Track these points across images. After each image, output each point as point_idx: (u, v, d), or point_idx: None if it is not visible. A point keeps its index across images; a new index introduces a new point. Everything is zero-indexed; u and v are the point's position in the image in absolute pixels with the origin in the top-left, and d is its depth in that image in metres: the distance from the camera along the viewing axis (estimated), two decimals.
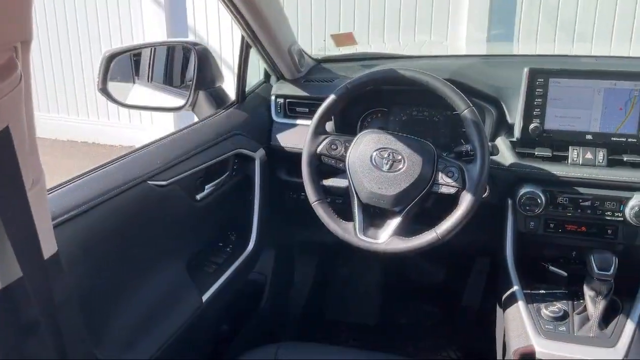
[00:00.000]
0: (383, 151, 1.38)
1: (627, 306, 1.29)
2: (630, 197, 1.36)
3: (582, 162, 1.42)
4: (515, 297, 1.37)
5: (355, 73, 1.59)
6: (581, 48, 3.84)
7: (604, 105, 1.41)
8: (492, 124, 1.54)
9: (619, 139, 1.40)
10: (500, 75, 1.63)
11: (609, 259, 1.28)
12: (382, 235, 1.37)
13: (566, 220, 1.45)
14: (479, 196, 1.31)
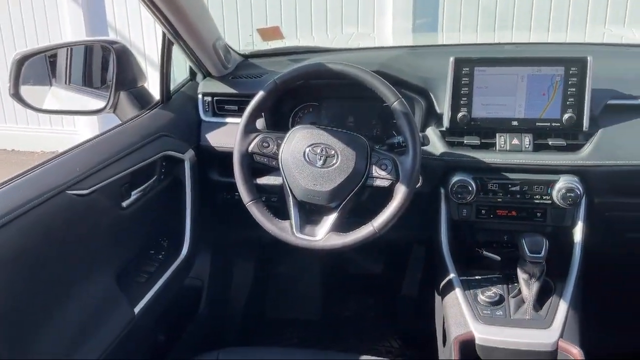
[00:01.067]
0: (316, 147, 1.36)
1: (559, 287, 1.34)
2: (557, 179, 1.40)
3: (510, 148, 1.45)
4: (452, 284, 1.39)
5: (284, 68, 1.55)
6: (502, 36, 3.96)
7: (527, 92, 1.44)
8: (421, 114, 1.55)
9: (544, 123, 1.44)
10: (427, 66, 1.64)
11: (540, 242, 1.31)
12: (319, 232, 1.35)
13: (497, 205, 1.47)
14: (413, 187, 1.32)
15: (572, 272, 1.36)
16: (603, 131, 1.42)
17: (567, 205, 1.40)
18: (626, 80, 1.49)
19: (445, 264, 1.44)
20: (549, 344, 1.22)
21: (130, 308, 1.30)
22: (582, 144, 1.42)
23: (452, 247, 1.47)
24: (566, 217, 1.44)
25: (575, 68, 1.40)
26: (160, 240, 1.56)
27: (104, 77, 1.68)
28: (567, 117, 1.41)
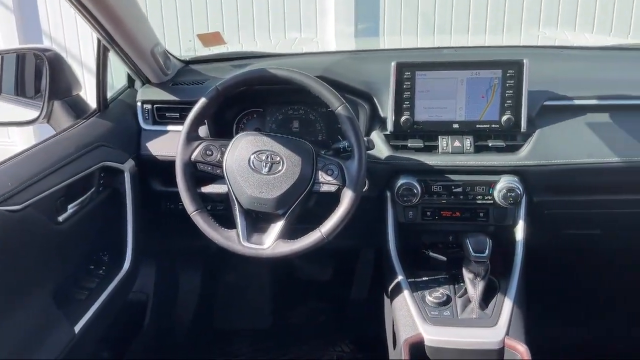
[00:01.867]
0: (261, 154, 1.34)
1: (503, 285, 1.36)
2: (498, 180, 1.44)
3: (452, 150, 1.47)
4: (400, 287, 1.40)
5: (226, 74, 1.53)
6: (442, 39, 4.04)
7: (467, 95, 1.47)
8: (366, 118, 1.55)
9: (483, 125, 1.47)
10: (370, 70, 1.65)
11: (483, 241, 1.34)
12: (266, 240, 1.33)
13: (442, 207, 1.50)
14: (360, 191, 1.32)
15: (515, 270, 1.39)
16: (540, 132, 1.46)
17: (508, 205, 1.43)
18: (561, 82, 1.55)
19: (393, 266, 1.45)
20: (495, 342, 1.24)
21: (70, 327, 1.24)
22: (521, 144, 1.46)
23: (399, 249, 1.48)
24: (508, 216, 1.47)
25: (512, 71, 1.43)
26: (100, 254, 1.50)
27: (37, 86, 1.60)
28: (505, 118, 1.45)
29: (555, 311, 2.02)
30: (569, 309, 2.06)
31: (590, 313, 2.06)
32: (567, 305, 2.07)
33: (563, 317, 2.04)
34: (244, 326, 2.19)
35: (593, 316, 2.05)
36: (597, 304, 2.06)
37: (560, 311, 2.04)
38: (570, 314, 2.06)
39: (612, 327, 2.02)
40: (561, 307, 2.05)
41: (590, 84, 1.54)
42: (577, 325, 2.04)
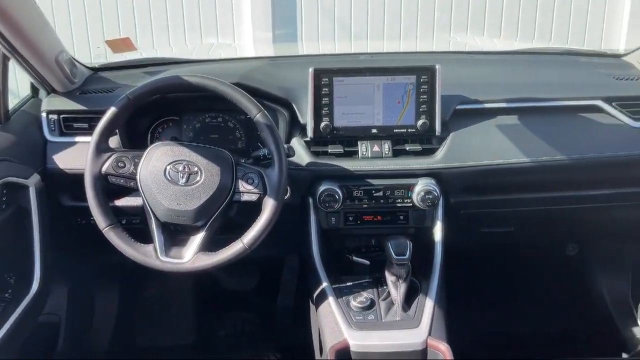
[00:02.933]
0: (178, 164, 1.30)
1: (425, 286, 1.39)
2: (416, 183, 1.47)
3: (371, 155, 1.49)
4: (325, 293, 1.39)
5: (138, 81, 1.47)
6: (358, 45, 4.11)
7: (384, 100, 1.49)
8: (285, 125, 1.54)
9: (400, 130, 1.50)
10: (289, 77, 1.65)
11: (404, 244, 1.36)
12: (186, 254, 1.29)
13: (363, 211, 1.51)
14: (281, 199, 1.30)
15: (435, 270, 1.42)
16: (454, 135, 1.51)
17: (426, 207, 1.46)
18: (472, 86, 1.60)
19: (318, 273, 1.44)
20: (418, 343, 1.26)
21: None
22: (436, 147, 1.50)
23: (323, 256, 1.48)
24: (426, 218, 1.50)
25: (425, 76, 1.47)
26: (5, 277, 1.39)
27: None
28: (421, 123, 1.48)
29: (476, 307, 2.09)
30: (489, 304, 2.14)
31: (508, 307, 2.15)
32: (486, 301, 2.15)
33: (483, 313, 2.11)
34: (168, 342, 2.12)
35: (511, 310, 2.14)
36: (514, 298, 2.16)
37: (481, 307, 2.12)
38: (489, 309, 2.14)
39: (530, 320, 2.12)
40: (481, 303, 2.13)
41: (499, 88, 1.61)
42: (497, 320, 2.12)
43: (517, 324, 2.11)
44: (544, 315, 2.11)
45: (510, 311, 2.14)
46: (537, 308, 2.12)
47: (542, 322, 2.10)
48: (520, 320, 2.12)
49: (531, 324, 2.10)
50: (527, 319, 2.12)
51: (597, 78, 1.68)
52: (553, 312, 2.11)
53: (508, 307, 2.15)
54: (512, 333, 2.07)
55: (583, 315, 2.08)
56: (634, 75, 1.67)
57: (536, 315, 2.11)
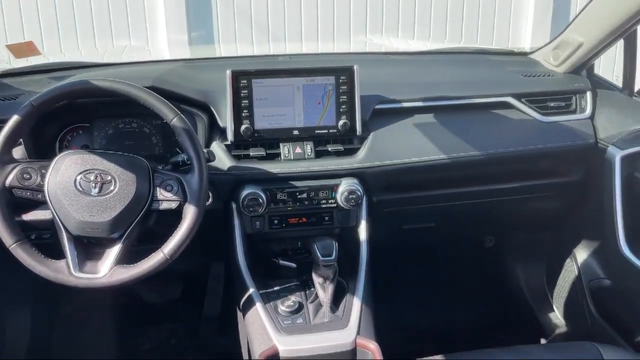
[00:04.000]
0: (89, 173, 1.23)
1: (352, 286, 1.39)
2: (339, 183, 1.47)
3: (294, 157, 1.48)
4: (252, 300, 1.36)
5: (44, 87, 1.37)
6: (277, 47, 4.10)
7: (304, 101, 1.48)
8: (204, 129, 1.50)
9: (322, 131, 1.50)
10: (206, 79, 1.60)
11: (330, 245, 1.36)
12: (102, 268, 1.22)
13: (288, 214, 1.49)
14: (203, 206, 1.26)
15: (361, 269, 1.43)
16: (374, 134, 1.53)
17: (350, 207, 1.47)
18: (389, 86, 1.63)
19: (243, 279, 1.41)
20: (347, 343, 1.26)
21: None
22: (358, 147, 1.51)
23: (248, 261, 1.45)
24: (351, 218, 1.51)
25: (344, 77, 1.47)
26: None
27: None
28: (341, 123, 1.49)
29: (403, 303, 2.13)
30: (414, 299, 2.19)
31: (433, 301, 2.20)
32: (412, 296, 2.19)
33: (410, 308, 2.16)
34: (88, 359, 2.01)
35: (436, 303, 2.20)
36: (438, 291, 2.22)
37: (407, 302, 2.16)
38: (415, 303, 2.19)
39: (454, 312, 2.18)
40: (407, 298, 2.17)
41: (415, 87, 1.64)
42: (423, 314, 2.17)
43: (442, 317, 2.17)
44: (466, 306, 2.18)
45: (435, 304, 2.20)
46: (460, 300, 2.19)
47: (465, 313, 2.17)
48: (444, 313, 2.18)
49: (455, 316, 2.16)
50: (451, 311, 2.18)
51: (507, 76, 1.75)
52: (475, 303, 2.19)
53: (433, 301, 2.20)
54: (438, 326, 2.13)
55: (503, 305, 2.17)
56: (540, 72, 1.76)
57: (459, 306, 2.18)
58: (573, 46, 1.66)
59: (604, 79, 1.78)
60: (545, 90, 1.67)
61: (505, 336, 1.93)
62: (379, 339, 1.30)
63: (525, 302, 2.07)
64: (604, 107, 1.67)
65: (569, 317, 1.93)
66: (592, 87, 1.70)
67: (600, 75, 1.79)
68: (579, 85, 1.69)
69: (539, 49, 1.87)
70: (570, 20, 1.69)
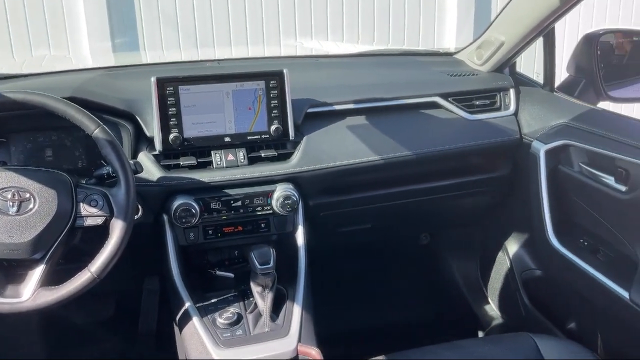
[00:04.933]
0: (5, 192, 1.15)
1: (291, 293, 1.38)
2: (274, 189, 1.45)
3: (226, 164, 1.44)
4: (188, 314, 1.32)
5: None
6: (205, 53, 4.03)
7: (234, 107, 1.45)
8: (130, 140, 1.44)
9: (254, 137, 1.47)
10: (131, 88, 1.54)
11: (267, 252, 1.33)
12: (25, 291, 1.14)
13: (223, 223, 1.46)
14: (131, 220, 1.21)
15: (300, 275, 1.42)
16: (307, 138, 1.51)
17: (286, 212, 1.45)
18: (321, 89, 1.62)
19: (179, 293, 1.37)
20: (288, 351, 1.24)
21: None
22: (291, 152, 1.50)
23: (183, 274, 1.40)
24: (287, 224, 1.49)
25: (274, 81, 1.46)
26: None
27: None
28: (274, 128, 1.47)
29: (343, 306, 2.13)
30: (355, 301, 2.20)
31: (373, 301, 2.22)
32: (352, 298, 2.20)
33: (350, 310, 2.16)
34: None
35: (376, 304, 2.22)
36: (378, 291, 2.23)
37: (348, 305, 2.16)
38: (356, 305, 2.19)
39: (394, 311, 2.20)
40: (348, 301, 2.17)
41: (346, 90, 1.64)
42: (364, 315, 2.18)
43: (383, 317, 2.18)
44: (406, 304, 2.21)
45: (376, 305, 2.21)
46: (399, 298, 2.22)
47: (405, 311, 2.20)
48: (385, 313, 2.20)
49: (395, 315, 2.19)
50: (390, 311, 2.20)
51: (434, 76, 1.78)
52: (414, 300, 2.22)
53: (373, 301, 2.22)
54: (379, 326, 2.14)
55: (441, 300, 2.21)
56: (465, 72, 1.80)
57: (399, 305, 2.21)
58: (495, 45, 1.71)
59: (525, 76, 1.85)
60: (470, 89, 1.71)
61: (444, 331, 1.97)
62: (321, 345, 1.29)
63: (462, 297, 2.12)
64: (527, 104, 1.73)
65: (504, 308, 1.99)
66: (515, 85, 1.76)
67: (522, 73, 1.85)
68: (503, 83, 1.75)
69: (463, 49, 1.92)
70: (491, 20, 1.74)
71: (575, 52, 1.73)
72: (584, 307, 1.57)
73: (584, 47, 1.70)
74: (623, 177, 1.38)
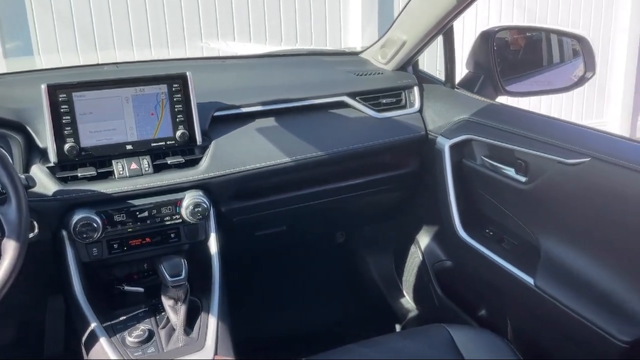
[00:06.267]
0: None
1: (206, 304, 1.33)
2: (183, 197, 1.39)
3: (130, 174, 1.37)
4: (95, 335, 1.24)
5: None
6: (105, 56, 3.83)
7: (135, 113, 1.38)
8: (20, 152, 1.33)
9: (159, 143, 1.41)
10: (21, 96, 1.43)
11: (178, 264, 1.28)
12: None
13: (129, 236, 1.39)
14: (25, 239, 1.11)
15: (214, 285, 1.37)
16: (215, 143, 1.47)
17: (197, 220, 1.40)
18: (228, 92, 1.58)
19: (83, 313, 1.28)
20: None
21: None
22: (199, 157, 1.45)
23: (87, 293, 1.32)
24: (199, 232, 1.44)
25: (177, 85, 1.40)
26: None
27: None
28: (179, 133, 1.41)
29: (262, 311, 2.10)
30: (274, 305, 2.17)
31: (292, 304, 2.20)
32: (271, 303, 2.17)
33: (269, 315, 2.13)
34: None
35: (295, 307, 2.20)
36: (297, 294, 2.22)
37: (266, 310, 2.13)
38: (275, 310, 2.17)
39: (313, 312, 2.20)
40: (266, 306, 2.14)
41: (254, 91, 1.62)
42: (283, 319, 2.16)
43: (303, 319, 2.17)
44: (325, 304, 2.21)
45: (296, 307, 2.20)
46: (318, 299, 2.22)
47: (324, 312, 2.20)
48: (305, 314, 2.19)
49: (315, 316, 2.18)
50: (311, 311, 2.20)
51: (341, 76, 1.79)
52: (333, 300, 2.23)
53: (293, 304, 2.20)
54: (299, 329, 2.13)
55: (359, 298, 2.23)
56: (370, 71, 1.82)
57: (318, 306, 2.21)
58: (397, 44, 1.74)
59: (428, 73, 1.90)
60: (376, 88, 1.73)
61: (364, 327, 1.99)
62: (239, 354, 1.25)
63: (379, 292, 2.16)
64: (430, 101, 1.78)
65: (419, 301, 2.04)
66: (419, 82, 1.80)
67: (424, 71, 1.90)
68: (407, 82, 1.79)
69: (368, 48, 1.95)
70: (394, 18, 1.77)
71: (473, 49, 1.80)
72: (493, 295, 1.64)
73: (481, 44, 1.76)
74: (523, 168, 1.45)
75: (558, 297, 1.28)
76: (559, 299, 1.28)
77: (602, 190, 1.23)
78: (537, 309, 1.35)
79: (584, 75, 1.78)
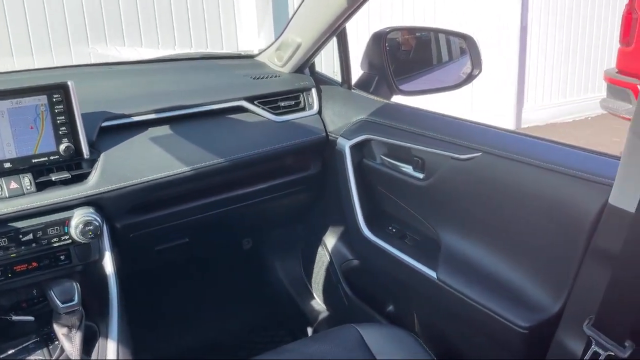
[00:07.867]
0: None
1: (103, 329, 1.25)
2: (72, 215, 1.30)
3: (10, 194, 1.26)
4: None
5: None
6: None
7: (12, 128, 1.27)
8: None
9: (41, 159, 1.30)
10: None
11: (70, 288, 1.20)
12: None
13: (13, 262, 1.27)
14: None
15: (112, 307, 1.29)
16: (105, 155, 1.38)
17: (89, 240, 1.31)
18: (117, 100, 1.49)
19: None
20: None
21: None
22: (88, 172, 1.35)
23: None
24: (92, 252, 1.35)
25: (58, 95, 1.30)
26: None
27: None
28: (63, 147, 1.31)
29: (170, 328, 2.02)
30: (182, 320, 2.09)
31: (202, 317, 2.13)
32: (179, 317, 2.09)
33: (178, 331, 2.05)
34: None
35: (206, 319, 2.13)
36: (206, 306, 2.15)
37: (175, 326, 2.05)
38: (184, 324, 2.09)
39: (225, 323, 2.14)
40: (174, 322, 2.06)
41: (146, 99, 1.54)
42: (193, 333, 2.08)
43: (215, 331, 2.11)
44: (237, 312, 2.17)
45: (206, 320, 2.13)
46: (229, 309, 2.16)
47: (236, 320, 2.15)
48: (217, 326, 2.13)
49: (228, 327, 2.13)
50: (223, 323, 2.14)
51: (238, 79, 1.75)
52: (244, 307, 2.19)
53: (203, 317, 2.13)
54: (211, 341, 2.07)
55: (270, 303, 2.20)
56: (267, 74, 1.80)
57: (230, 316, 2.15)
58: (293, 47, 1.73)
59: (325, 75, 1.90)
60: (274, 91, 1.71)
61: (277, 334, 1.97)
62: None
63: (289, 296, 2.14)
64: (329, 102, 1.78)
65: (329, 302, 2.05)
66: (316, 84, 1.80)
67: (321, 72, 1.91)
68: (304, 84, 1.78)
69: (264, 51, 1.92)
70: None
71: (367, 50, 1.82)
72: (400, 292, 1.67)
73: (374, 45, 1.79)
74: (419, 165, 1.49)
75: (460, 289, 1.32)
76: (461, 290, 1.32)
77: (494, 183, 1.28)
78: (442, 302, 1.39)
79: (471, 72, 1.86)
